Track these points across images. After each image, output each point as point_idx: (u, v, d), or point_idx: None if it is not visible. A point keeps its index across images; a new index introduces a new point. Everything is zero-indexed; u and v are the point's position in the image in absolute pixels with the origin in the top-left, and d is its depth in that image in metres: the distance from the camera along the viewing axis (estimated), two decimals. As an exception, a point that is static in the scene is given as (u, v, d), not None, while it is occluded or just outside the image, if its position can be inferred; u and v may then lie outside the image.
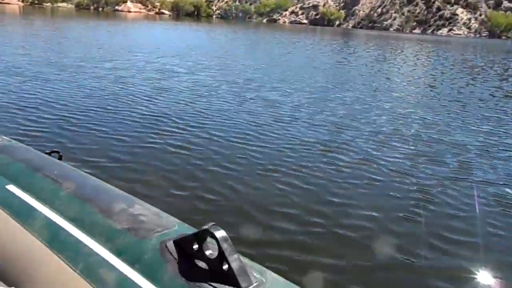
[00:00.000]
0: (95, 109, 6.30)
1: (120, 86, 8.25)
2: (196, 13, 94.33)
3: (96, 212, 1.11)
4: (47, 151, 1.66)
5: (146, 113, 6.31)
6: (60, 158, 1.65)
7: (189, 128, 5.66)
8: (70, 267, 0.92)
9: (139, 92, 7.80)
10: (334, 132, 6.02)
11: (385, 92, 10.17)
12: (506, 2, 79.59)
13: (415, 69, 16.77)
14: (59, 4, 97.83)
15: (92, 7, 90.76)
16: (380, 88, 10.69)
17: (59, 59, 11.24)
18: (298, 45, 24.92)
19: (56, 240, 1.00)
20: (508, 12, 75.53)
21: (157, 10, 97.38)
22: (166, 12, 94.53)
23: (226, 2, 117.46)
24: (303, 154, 4.91)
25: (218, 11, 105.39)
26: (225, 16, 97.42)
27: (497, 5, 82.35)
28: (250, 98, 8.02)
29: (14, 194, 1.17)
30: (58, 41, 16.31)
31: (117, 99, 7.11)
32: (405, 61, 19.82)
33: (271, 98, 8.16)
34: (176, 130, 5.53)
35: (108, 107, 6.46)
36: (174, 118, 6.12)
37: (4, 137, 1.65)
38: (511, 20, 72.44)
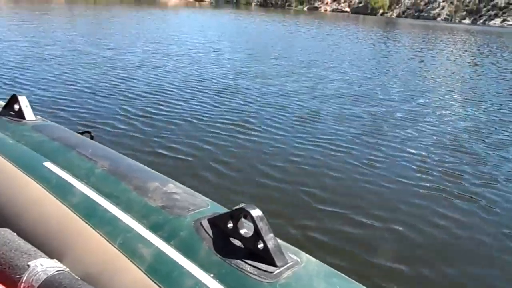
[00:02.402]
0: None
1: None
2: (235, 0, 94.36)
3: (131, 189, 1.13)
4: (80, 131, 1.70)
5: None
6: (92, 138, 1.68)
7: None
8: (109, 242, 0.94)
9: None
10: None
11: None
12: None
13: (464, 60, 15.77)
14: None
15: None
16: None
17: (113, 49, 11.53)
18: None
19: (93, 215, 1.02)
20: None
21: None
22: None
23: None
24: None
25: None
26: (264, 4, 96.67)
27: (559, -6, 75.99)
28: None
29: (51, 171, 1.19)
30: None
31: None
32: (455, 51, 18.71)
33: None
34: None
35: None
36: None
37: (39, 117, 1.68)
38: None
